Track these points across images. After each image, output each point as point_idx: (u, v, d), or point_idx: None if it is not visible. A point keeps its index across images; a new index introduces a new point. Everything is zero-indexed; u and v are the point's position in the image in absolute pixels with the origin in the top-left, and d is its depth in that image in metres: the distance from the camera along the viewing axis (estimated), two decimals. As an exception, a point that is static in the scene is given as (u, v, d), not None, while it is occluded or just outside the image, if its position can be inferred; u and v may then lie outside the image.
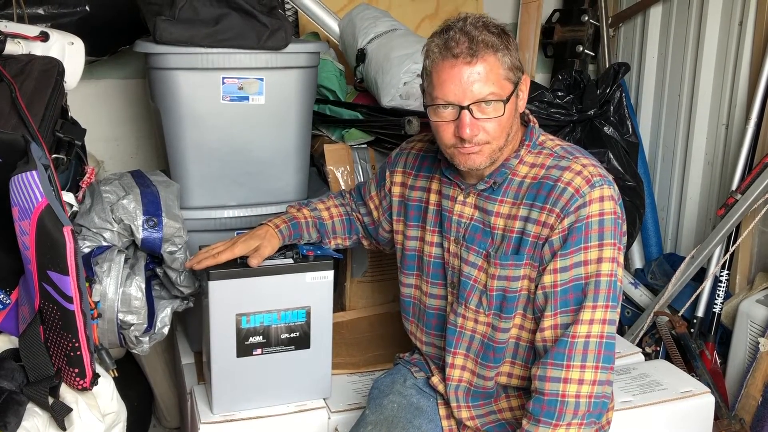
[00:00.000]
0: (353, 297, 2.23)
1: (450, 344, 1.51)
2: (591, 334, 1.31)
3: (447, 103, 1.31)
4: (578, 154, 1.39)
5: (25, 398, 1.27)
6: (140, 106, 2.48)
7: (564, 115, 2.28)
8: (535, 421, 1.32)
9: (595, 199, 1.32)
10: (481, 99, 1.30)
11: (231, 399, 1.67)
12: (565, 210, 1.32)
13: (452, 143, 1.35)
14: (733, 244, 2.30)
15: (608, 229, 1.33)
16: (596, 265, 1.32)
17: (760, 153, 2.26)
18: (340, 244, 1.77)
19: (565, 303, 1.34)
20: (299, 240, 1.68)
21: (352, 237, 1.77)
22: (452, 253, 1.49)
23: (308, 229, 1.69)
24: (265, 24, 1.76)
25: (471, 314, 1.46)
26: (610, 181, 1.36)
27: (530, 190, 1.38)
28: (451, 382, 1.52)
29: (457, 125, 1.31)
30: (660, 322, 2.42)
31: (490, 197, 1.43)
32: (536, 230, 1.36)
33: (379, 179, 1.70)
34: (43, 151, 1.38)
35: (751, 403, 2.13)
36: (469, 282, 1.45)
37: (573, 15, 2.85)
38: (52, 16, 1.95)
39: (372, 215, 1.72)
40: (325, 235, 1.73)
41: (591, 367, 1.31)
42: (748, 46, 2.32)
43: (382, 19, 2.33)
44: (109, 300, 1.57)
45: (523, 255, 1.37)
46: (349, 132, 2.18)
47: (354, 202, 1.76)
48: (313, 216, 1.71)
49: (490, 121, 1.32)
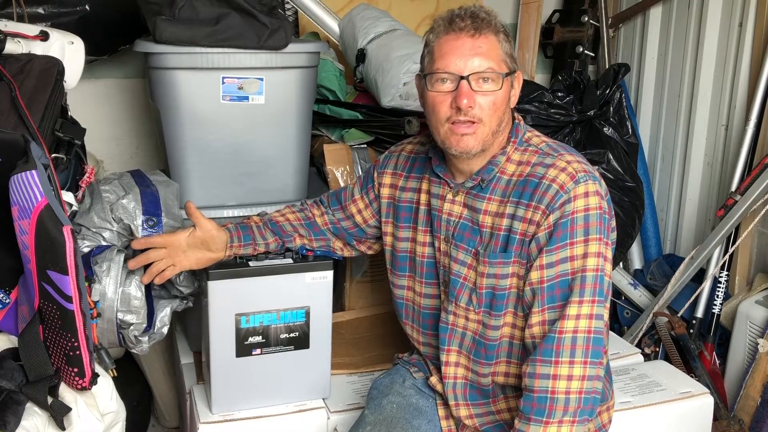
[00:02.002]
0: (352, 297, 2.23)
1: (443, 342, 1.51)
2: (578, 329, 1.31)
3: (447, 73, 1.34)
4: (563, 151, 1.40)
5: (25, 398, 1.27)
6: (140, 106, 2.48)
7: (564, 116, 2.28)
8: (526, 420, 1.32)
9: (580, 195, 1.33)
10: (481, 71, 1.34)
11: (230, 399, 1.67)
12: (550, 206, 1.33)
13: (447, 116, 1.36)
14: (732, 245, 2.30)
15: (594, 224, 1.33)
16: (582, 261, 1.32)
17: (760, 154, 2.26)
18: (306, 245, 1.70)
19: (552, 299, 1.34)
20: (253, 245, 1.63)
21: (319, 239, 1.71)
22: (442, 251, 1.49)
23: (261, 232, 1.64)
24: (265, 24, 1.76)
25: (462, 312, 1.47)
26: (595, 176, 1.37)
27: (516, 187, 1.39)
28: (448, 379, 1.52)
29: (455, 96, 1.34)
30: (659, 322, 2.42)
31: (479, 195, 1.43)
32: (523, 227, 1.36)
33: (365, 182, 1.69)
34: (43, 150, 1.38)
35: (750, 404, 2.13)
36: (458, 280, 1.46)
37: (573, 16, 2.85)
38: (52, 16, 1.95)
39: (353, 219, 1.69)
40: (283, 235, 1.66)
41: (579, 362, 1.31)
42: (747, 47, 2.32)
43: (382, 19, 2.33)
44: (108, 299, 1.57)
45: (511, 253, 1.38)
46: (348, 132, 2.18)
47: (327, 208, 1.73)
48: (263, 220, 1.69)
49: (487, 96, 1.35)
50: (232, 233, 1.62)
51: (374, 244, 1.75)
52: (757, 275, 2.33)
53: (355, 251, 1.77)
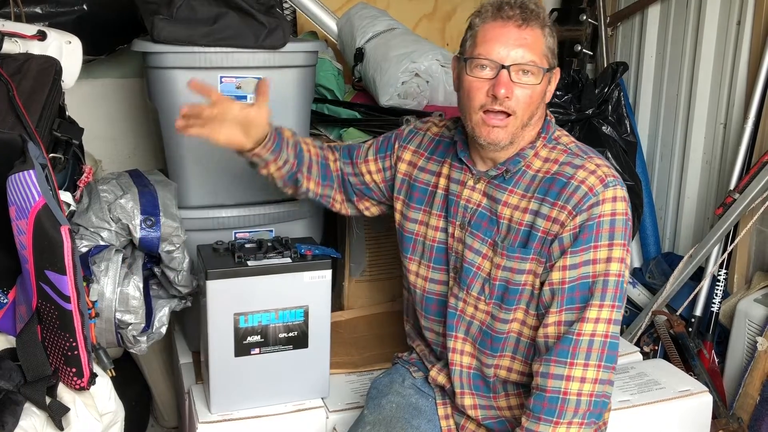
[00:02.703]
0: (351, 296, 2.23)
1: (450, 328, 1.51)
2: (596, 332, 1.31)
3: (489, 60, 1.33)
4: (592, 154, 1.40)
5: (23, 398, 1.27)
6: (138, 106, 2.47)
7: (562, 115, 2.29)
8: (536, 419, 1.32)
9: (608, 199, 1.33)
10: (523, 63, 1.33)
11: (229, 398, 1.67)
12: (577, 208, 1.33)
13: (482, 104, 1.35)
14: (731, 243, 2.30)
15: (619, 229, 1.33)
16: (605, 264, 1.32)
17: (758, 152, 2.26)
18: (311, 190, 1.64)
19: (571, 300, 1.34)
20: (276, 155, 1.55)
21: (326, 186, 1.66)
22: (456, 237, 1.49)
23: (288, 149, 1.57)
24: (263, 23, 1.76)
25: (472, 300, 1.46)
26: (622, 182, 1.37)
27: (542, 184, 1.38)
28: (455, 366, 1.52)
29: (493, 84, 1.33)
30: (658, 321, 2.42)
31: (500, 186, 1.43)
32: (546, 225, 1.36)
33: (383, 146, 1.65)
34: (41, 150, 1.37)
35: (749, 402, 2.13)
36: (472, 269, 1.45)
37: (571, 14, 2.85)
38: (49, 15, 1.95)
39: (361, 177, 1.65)
40: (302, 163, 1.60)
41: (594, 365, 1.31)
42: (746, 45, 2.32)
43: (381, 18, 2.33)
44: (106, 299, 1.56)
45: (531, 249, 1.38)
46: (347, 131, 2.18)
47: (339, 157, 1.68)
48: (294, 138, 1.62)
49: (525, 89, 1.34)
50: (270, 134, 1.52)
51: (373, 206, 1.71)
52: (755, 273, 2.33)
53: (352, 209, 1.72)
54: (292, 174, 1.60)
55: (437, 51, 2.14)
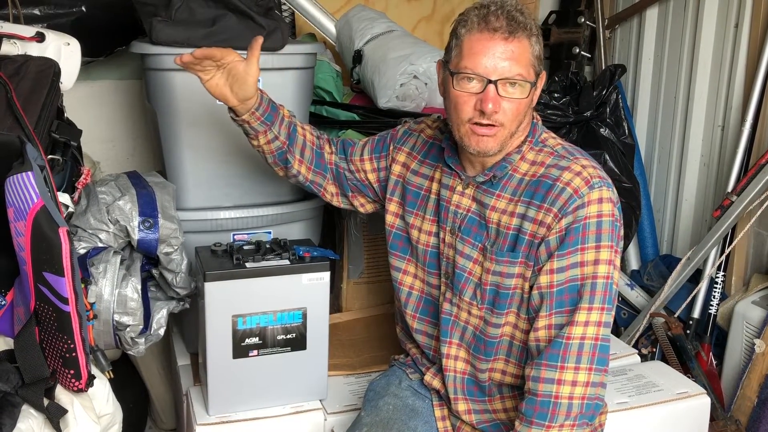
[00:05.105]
0: (349, 298, 2.23)
1: (445, 334, 1.51)
2: (586, 335, 1.31)
3: (475, 74, 1.31)
4: (578, 155, 1.40)
5: (20, 400, 1.27)
6: (136, 107, 2.48)
7: (560, 117, 2.29)
8: (528, 423, 1.32)
9: (594, 201, 1.32)
10: (510, 77, 1.31)
11: (227, 400, 1.67)
12: (563, 210, 1.32)
13: (469, 117, 1.34)
14: (728, 245, 2.31)
15: (606, 231, 1.33)
16: (593, 267, 1.32)
17: (756, 154, 2.26)
18: (302, 174, 1.64)
19: (561, 303, 1.34)
20: (267, 128, 1.55)
21: (317, 173, 1.65)
22: (447, 243, 1.49)
23: (281, 125, 1.57)
24: (262, 25, 1.76)
25: (465, 305, 1.46)
26: (609, 183, 1.36)
27: (529, 187, 1.38)
28: (449, 372, 1.52)
29: (480, 99, 1.32)
30: (656, 323, 2.42)
31: (488, 190, 1.43)
32: (533, 228, 1.36)
33: (378, 146, 1.65)
34: (39, 152, 1.37)
35: (746, 404, 2.13)
36: (463, 274, 1.45)
37: (569, 17, 2.85)
38: (48, 17, 1.95)
39: (356, 174, 1.65)
40: (294, 144, 1.60)
41: (585, 369, 1.31)
42: (743, 48, 2.33)
43: (379, 20, 2.33)
44: (104, 301, 1.56)
45: (519, 253, 1.38)
46: (345, 133, 2.18)
47: (335, 151, 1.68)
48: (290, 118, 1.62)
49: (512, 102, 1.32)
50: (262, 103, 1.53)
51: (368, 204, 1.71)
52: (753, 275, 2.33)
53: (346, 203, 1.72)
54: (282, 152, 1.60)
55: (436, 53, 2.14)
